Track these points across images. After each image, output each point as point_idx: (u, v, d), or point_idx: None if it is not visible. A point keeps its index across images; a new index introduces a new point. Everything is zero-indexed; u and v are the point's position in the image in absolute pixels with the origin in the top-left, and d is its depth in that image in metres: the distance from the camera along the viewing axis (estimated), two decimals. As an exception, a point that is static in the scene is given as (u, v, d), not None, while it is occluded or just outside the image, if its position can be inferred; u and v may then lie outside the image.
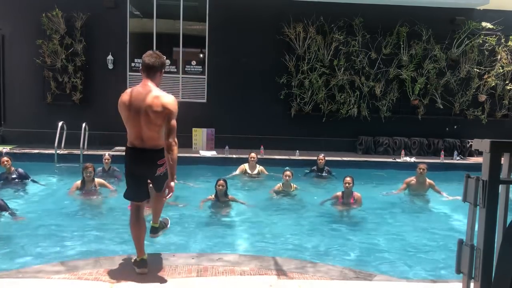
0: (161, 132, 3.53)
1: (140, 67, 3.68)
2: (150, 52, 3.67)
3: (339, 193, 7.06)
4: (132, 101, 3.51)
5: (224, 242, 5.52)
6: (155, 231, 4.05)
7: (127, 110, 3.53)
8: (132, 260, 3.75)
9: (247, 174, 8.88)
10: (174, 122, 3.48)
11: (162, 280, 3.51)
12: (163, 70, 3.71)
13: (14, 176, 7.72)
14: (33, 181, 7.90)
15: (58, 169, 9.35)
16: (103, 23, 11.35)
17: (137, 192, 3.73)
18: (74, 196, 7.14)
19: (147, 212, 4.46)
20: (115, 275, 3.58)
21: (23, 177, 7.82)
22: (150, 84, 3.57)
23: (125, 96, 3.57)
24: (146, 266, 3.65)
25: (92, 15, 11.17)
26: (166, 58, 3.36)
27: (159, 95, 3.51)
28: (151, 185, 3.90)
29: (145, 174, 3.74)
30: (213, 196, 6.80)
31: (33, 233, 5.50)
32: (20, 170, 7.85)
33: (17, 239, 5.34)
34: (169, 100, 3.52)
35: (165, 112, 3.46)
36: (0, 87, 11.53)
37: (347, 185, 6.92)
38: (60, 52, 11.08)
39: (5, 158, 7.76)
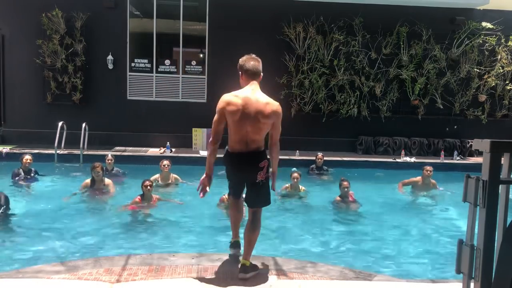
0: (264, 135, 3.71)
1: (241, 72, 3.77)
2: (250, 57, 3.80)
3: (338, 198, 7.10)
4: (244, 106, 3.60)
5: (224, 242, 5.51)
6: (245, 270, 3.56)
7: (236, 114, 3.59)
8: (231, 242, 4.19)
9: None
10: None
11: (162, 280, 3.51)
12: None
13: (32, 175, 7.90)
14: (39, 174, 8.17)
15: (58, 169, 9.34)
16: (103, 23, 11.35)
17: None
18: (81, 194, 7.15)
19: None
20: (115, 275, 3.58)
21: (35, 179, 7.97)
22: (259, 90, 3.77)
23: (236, 100, 3.62)
24: (240, 248, 4.06)
25: (92, 15, 11.18)
26: (166, 58, 3.38)
27: (269, 102, 3.72)
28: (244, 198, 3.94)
29: (246, 178, 3.83)
30: (226, 195, 6.74)
31: (33, 233, 5.49)
32: (35, 171, 8.04)
33: (17, 239, 5.34)
34: (278, 107, 3.75)
35: (274, 118, 3.69)
36: (0, 87, 11.53)
37: (345, 189, 7.00)
38: (60, 52, 11.08)
39: (29, 157, 7.88)
